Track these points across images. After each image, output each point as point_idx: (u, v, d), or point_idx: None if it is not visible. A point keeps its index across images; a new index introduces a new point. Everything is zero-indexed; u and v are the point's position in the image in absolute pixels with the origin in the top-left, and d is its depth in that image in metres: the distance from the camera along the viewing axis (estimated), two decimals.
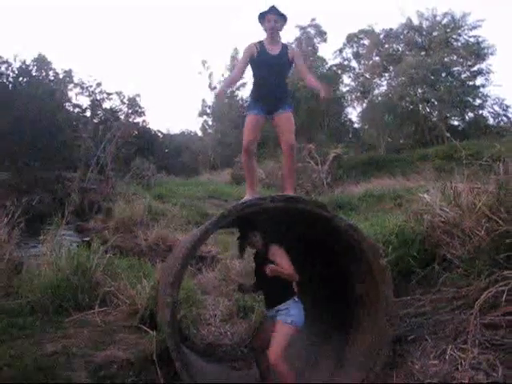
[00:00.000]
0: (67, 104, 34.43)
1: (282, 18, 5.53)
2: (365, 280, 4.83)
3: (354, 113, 45.65)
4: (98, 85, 37.62)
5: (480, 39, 38.68)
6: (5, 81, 23.73)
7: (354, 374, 4.67)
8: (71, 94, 36.46)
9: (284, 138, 5.39)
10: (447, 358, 4.21)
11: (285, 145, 5.39)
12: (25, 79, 24.96)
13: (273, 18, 5.41)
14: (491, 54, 38.30)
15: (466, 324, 4.48)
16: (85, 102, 37.80)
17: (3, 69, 24.67)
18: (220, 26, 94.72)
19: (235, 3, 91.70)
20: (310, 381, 5.14)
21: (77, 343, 4.91)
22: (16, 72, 24.69)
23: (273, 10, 5.44)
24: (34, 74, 30.10)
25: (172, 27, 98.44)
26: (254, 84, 5.68)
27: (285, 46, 5.59)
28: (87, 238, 11.28)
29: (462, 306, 4.94)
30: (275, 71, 5.49)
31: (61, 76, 35.08)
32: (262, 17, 5.49)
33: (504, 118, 39.12)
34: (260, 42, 5.53)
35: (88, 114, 36.58)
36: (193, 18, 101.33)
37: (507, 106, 38.48)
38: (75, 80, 36.58)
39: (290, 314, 4.64)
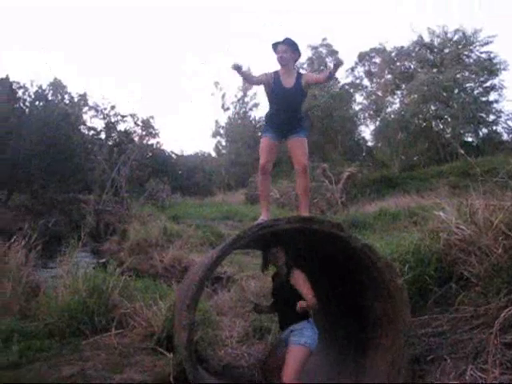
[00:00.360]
0: (82, 127, 34.87)
1: (296, 52, 5.61)
2: (382, 299, 4.79)
3: (367, 131, 45.72)
4: (113, 107, 38.09)
5: (492, 55, 38.67)
6: (22, 105, 24.09)
7: None
8: (86, 116, 37.00)
9: (296, 160, 5.47)
10: (467, 378, 4.15)
11: (298, 165, 5.46)
12: (41, 103, 25.32)
13: (283, 50, 5.47)
14: (504, 69, 38.24)
15: (486, 343, 4.43)
16: (99, 124, 38.29)
17: (20, 93, 25.05)
18: (234, 47, 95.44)
19: (248, 26, 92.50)
20: None
21: (94, 366, 4.92)
22: (32, 96, 25.06)
23: (286, 41, 5.51)
24: (49, 98, 30.55)
25: (186, 49, 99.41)
26: (269, 112, 5.76)
27: (299, 76, 5.61)
28: (103, 260, 11.33)
29: (480, 325, 4.87)
30: (290, 104, 5.57)
31: (76, 99, 35.60)
32: (275, 48, 5.57)
33: None
34: (276, 73, 5.58)
35: (102, 136, 36.97)
36: (206, 40, 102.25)
37: None
38: (90, 103, 37.10)
39: (304, 335, 4.61)
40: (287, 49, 5.49)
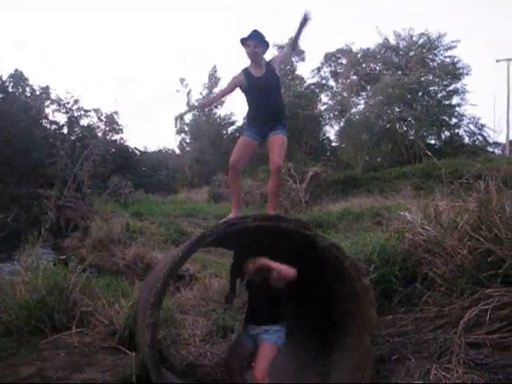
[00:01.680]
0: (44, 121, 34.22)
1: (264, 44, 5.53)
2: (348, 299, 4.78)
3: (331, 131, 45.94)
4: (76, 102, 37.44)
5: (455, 59, 39.44)
6: None
7: None
8: (48, 110, 36.22)
9: (272, 160, 5.40)
10: (431, 377, 4.16)
11: (272, 165, 5.40)
12: (0, 95, 24.75)
13: (253, 44, 5.42)
14: (466, 74, 39.02)
15: (450, 343, 4.46)
16: (62, 118, 37.53)
17: None
18: (199, 43, 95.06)
19: (215, 22, 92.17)
20: None
21: (53, 366, 4.80)
22: None
23: (253, 35, 5.44)
24: (10, 90, 29.90)
25: (150, 45, 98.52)
26: (248, 109, 5.70)
27: (267, 64, 5.57)
28: (63, 257, 11.10)
29: (445, 324, 4.90)
30: (267, 92, 5.50)
31: (37, 92, 34.85)
32: (243, 42, 5.49)
33: (479, 137, 39.75)
34: (245, 69, 5.55)
35: (65, 130, 36.36)
36: (172, 36, 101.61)
37: (482, 126, 39.13)
38: (52, 96, 36.34)
39: (279, 336, 4.61)
40: (256, 43, 5.42)
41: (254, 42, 5.42)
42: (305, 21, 5.43)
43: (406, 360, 4.64)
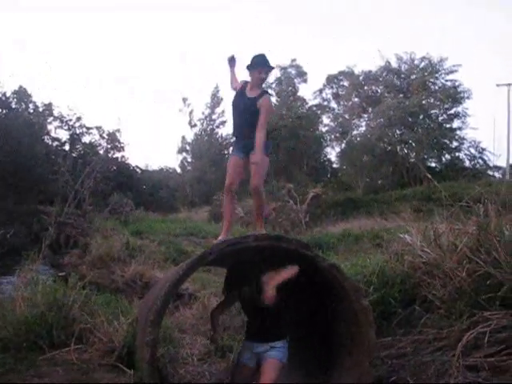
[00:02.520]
0: (46, 137, 34.28)
1: (270, 69, 5.77)
2: (347, 320, 4.79)
3: (332, 153, 46.08)
4: (78, 119, 37.52)
5: (457, 83, 39.68)
6: None
7: None
8: (50, 127, 36.30)
9: (251, 181, 5.56)
10: None
11: (251, 186, 5.57)
12: (4, 111, 24.86)
13: (265, 71, 5.56)
14: (467, 97, 39.24)
15: (448, 366, 4.46)
16: (64, 135, 37.59)
17: None
18: (202, 63, 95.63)
19: (218, 41, 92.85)
20: None
21: (51, 382, 4.78)
22: None
23: (264, 62, 5.60)
24: (13, 106, 30.04)
25: (153, 64, 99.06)
26: (233, 124, 5.89)
27: (262, 93, 5.67)
28: (63, 273, 11.10)
29: (443, 347, 4.91)
30: (247, 113, 5.60)
31: (40, 109, 34.96)
32: (255, 67, 5.60)
33: (480, 161, 39.86)
34: (245, 83, 5.73)
35: (67, 147, 36.41)
36: (174, 55, 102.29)
37: (483, 149, 39.25)
38: (55, 113, 36.46)
39: (283, 352, 4.62)
40: (267, 70, 5.64)
41: (265, 69, 5.64)
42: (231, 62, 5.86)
43: (405, 382, 4.65)
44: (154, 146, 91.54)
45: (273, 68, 5.82)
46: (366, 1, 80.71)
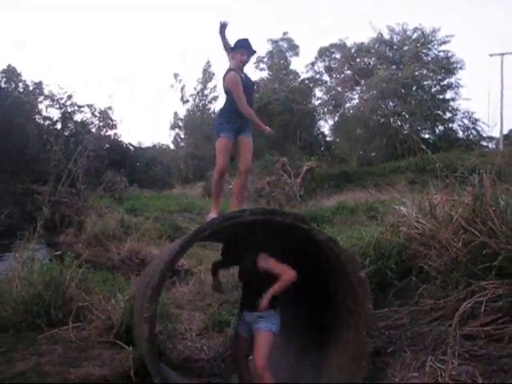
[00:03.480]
0: (37, 116, 34.02)
1: (253, 52, 5.89)
2: (344, 292, 4.80)
3: (326, 126, 46.01)
4: (69, 97, 37.19)
5: (449, 54, 39.60)
6: None
7: None
8: (41, 106, 35.98)
9: (244, 161, 5.70)
10: (427, 369, 4.19)
11: (244, 166, 5.70)
12: None
13: (247, 53, 5.67)
14: (460, 68, 39.25)
15: (445, 335, 4.50)
16: (55, 114, 37.28)
17: None
18: (193, 38, 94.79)
19: (207, 17, 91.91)
20: None
21: (50, 360, 4.79)
22: None
23: (246, 44, 5.76)
24: (2, 85, 29.74)
25: (145, 40, 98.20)
26: (227, 107, 5.86)
27: (245, 73, 5.90)
28: (59, 252, 11.08)
29: (440, 317, 4.94)
30: (250, 93, 5.81)
31: (31, 88, 34.63)
32: (234, 50, 5.76)
33: (473, 132, 39.90)
34: (233, 70, 5.76)
35: (59, 126, 36.13)
36: (166, 31, 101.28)
37: (476, 120, 39.31)
38: (45, 92, 36.11)
39: (273, 323, 4.67)
40: (250, 53, 5.79)
41: (248, 51, 5.78)
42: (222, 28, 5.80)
43: (402, 352, 4.68)
44: (147, 123, 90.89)
45: (255, 52, 5.90)
46: None
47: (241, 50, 5.70)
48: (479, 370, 3.97)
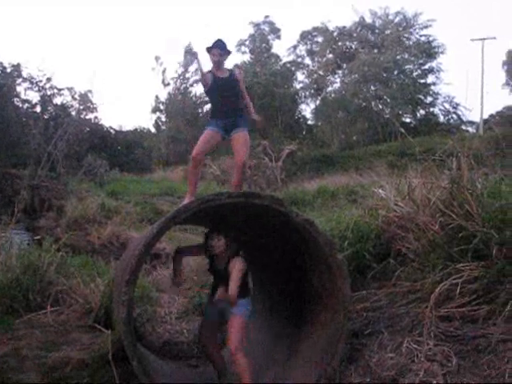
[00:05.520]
0: (16, 99, 33.56)
1: (227, 52, 5.85)
2: (321, 275, 4.83)
3: (307, 109, 46.03)
4: (48, 80, 36.67)
5: (431, 38, 39.74)
6: None
7: (312, 368, 4.67)
8: (20, 88, 35.46)
9: (238, 156, 5.64)
10: (403, 350, 4.26)
11: (239, 161, 5.64)
12: None
13: (218, 52, 5.71)
14: (442, 52, 39.45)
15: (422, 317, 4.56)
16: (34, 97, 36.79)
17: None
18: (173, 21, 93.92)
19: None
20: (264, 377, 5.13)
21: (28, 345, 4.79)
22: None
23: (218, 44, 5.75)
24: None
25: (125, 21, 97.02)
26: (212, 106, 6.03)
27: (231, 70, 5.95)
28: (38, 237, 11.01)
29: (417, 299, 5.00)
30: (227, 91, 5.76)
31: (8, 70, 34.12)
32: (209, 50, 5.76)
33: (454, 116, 40.17)
34: (210, 71, 5.82)
35: (38, 109, 35.70)
36: (146, 13, 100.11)
37: (457, 104, 39.54)
38: (24, 74, 35.61)
39: (246, 309, 4.82)
40: (221, 52, 5.75)
41: (220, 51, 5.74)
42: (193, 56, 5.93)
43: (379, 334, 4.75)
44: (127, 106, 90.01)
45: (227, 52, 5.87)
46: None
47: (213, 50, 5.74)
48: (454, 350, 4.05)
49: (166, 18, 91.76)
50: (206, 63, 5.91)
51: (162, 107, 50.80)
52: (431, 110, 40.71)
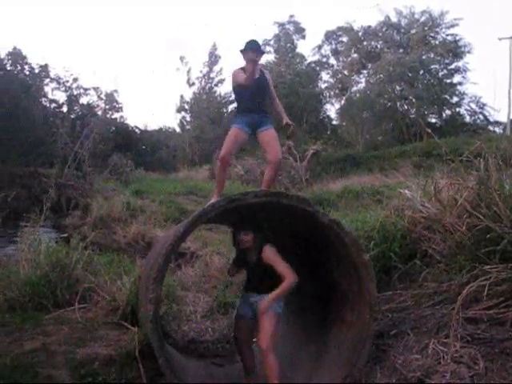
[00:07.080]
0: (43, 99, 34.04)
1: (261, 53, 5.80)
2: (348, 275, 4.83)
3: (332, 109, 45.92)
4: (75, 80, 37.23)
5: (457, 37, 39.33)
6: None
7: (338, 369, 4.67)
8: (47, 89, 35.99)
9: (274, 153, 5.56)
10: (429, 352, 4.23)
11: (275, 158, 5.55)
12: None
13: (255, 55, 5.61)
14: (468, 52, 39.01)
15: (448, 318, 4.52)
16: (61, 97, 37.32)
17: None
18: (199, 21, 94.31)
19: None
20: (291, 378, 5.14)
21: (56, 340, 4.84)
22: None
23: (253, 46, 5.67)
24: (8, 68, 29.72)
25: (151, 22, 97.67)
26: (240, 104, 5.91)
27: (262, 72, 5.94)
28: (65, 235, 11.16)
29: (443, 300, 4.97)
30: (258, 90, 5.74)
31: (36, 71, 34.60)
32: (246, 50, 5.68)
33: (480, 116, 39.67)
34: (243, 69, 5.78)
35: (65, 109, 36.18)
36: (172, 14, 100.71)
37: (483, 104, 39.08)
38: (51, 75, 36.09)
39: (278, 304, 4.76)
40: (257, 54, 5.65)
41: (255, 53, 5.64)
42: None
43: (405, 335, 4.72)
44: (153, 106, 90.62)
45: (262, 52, 5.82)
46: None
47: (247, 51, 5.64)
48: (481, 352, 4.00)
49: (191, 19, 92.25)
50: (238, 63, 5.93)
51: (186, 107, 51.01)
52: (457, 110, 40.29)
